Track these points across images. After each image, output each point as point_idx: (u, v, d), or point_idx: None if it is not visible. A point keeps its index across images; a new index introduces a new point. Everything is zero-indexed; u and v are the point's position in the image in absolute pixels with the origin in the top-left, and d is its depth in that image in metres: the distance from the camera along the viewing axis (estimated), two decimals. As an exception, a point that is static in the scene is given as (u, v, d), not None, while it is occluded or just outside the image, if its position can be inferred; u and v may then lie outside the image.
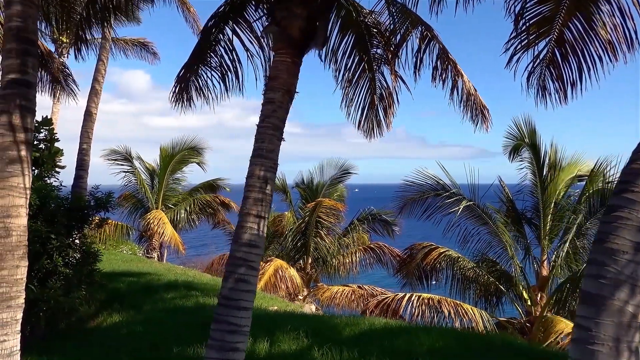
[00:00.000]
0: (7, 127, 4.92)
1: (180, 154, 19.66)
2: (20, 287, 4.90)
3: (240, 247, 4.87)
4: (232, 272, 4.83)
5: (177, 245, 18.15)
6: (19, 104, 4.99)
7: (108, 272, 11.69)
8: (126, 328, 8.10)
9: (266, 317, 8.26)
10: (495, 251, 13.31)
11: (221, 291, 4.90)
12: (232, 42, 7.57)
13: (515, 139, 13.64)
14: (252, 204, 4.97)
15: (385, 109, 8.86)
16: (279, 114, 5.23)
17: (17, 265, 4.86)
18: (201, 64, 7.66)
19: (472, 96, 8.28)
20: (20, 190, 4.94)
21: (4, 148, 4.91)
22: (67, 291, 7.93)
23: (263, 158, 5.08)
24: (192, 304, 9.93)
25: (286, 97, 5.30)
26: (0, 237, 4.80)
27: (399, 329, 7.15)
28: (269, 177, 5.06)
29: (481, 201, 13.25)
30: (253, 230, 4.90)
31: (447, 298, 12.50)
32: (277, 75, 5.34)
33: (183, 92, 7.59)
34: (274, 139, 5.16)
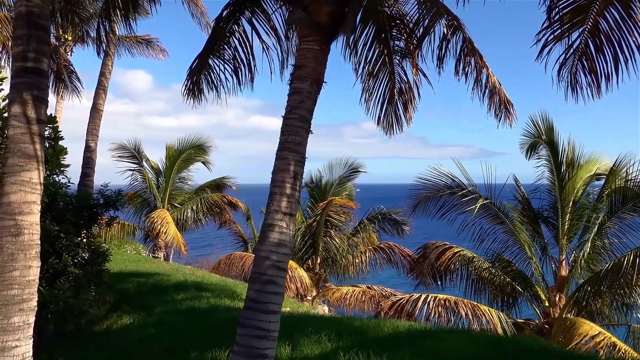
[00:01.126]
0: (19, 118, 4.62)
1: (186, 153, 19.35)
2: (33, 289, 4.59)
3: (268, 247, 4.55)
4: (260, 273, 4.51)
5: (179, 246, 17.83)
6: (31, 94, 4.68)
7: (116, 272, 11.39)
8: (138, 331, 7.79)
9: (283, 320, 7.94)
10: (511, 251, 12.98)
11: (247, 293, 4.58)
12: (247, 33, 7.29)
13: (532, 136, 13.31)
14: (279, 201, 4.65)
15: (405, 104, 8.56)
16: (306, 105, 4.91)
17: (30, 266, 4.56)
18: (214, 57, 7.38)
19: (497, 90, 7.99)
20: (32, 186, 4.63)
21: (16, 140, 4.60)
22: (77, 292, 7.62)
23: (291, 151, 4.76)
24: (203, 305, 9.62)
25: (314, 86, 4.99)
26: (12, 236, 4.49)
27: (425, 333, 6.83)
28: (297, 172, 4.74)
29: (497, 200, 12.92)
30: (281, 228, 4.58)
31: (463, 299, 12.17)
32: (304, 64, 5.02)
33: (195, 85, 7.31)
34: (302, 132, 4.85)
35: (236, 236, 23.30)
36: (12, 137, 4.62)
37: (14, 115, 4.62)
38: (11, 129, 4.63)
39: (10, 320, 4.42)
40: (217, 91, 7.38)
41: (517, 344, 6.07)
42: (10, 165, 4.57)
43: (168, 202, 19.44)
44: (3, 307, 4.42)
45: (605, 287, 11.03)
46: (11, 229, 4.49)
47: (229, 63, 7.41)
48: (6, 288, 4.44)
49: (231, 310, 9.32)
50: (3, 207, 4.52)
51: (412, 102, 8.47)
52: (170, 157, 19.36)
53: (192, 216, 19.40)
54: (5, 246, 4.47)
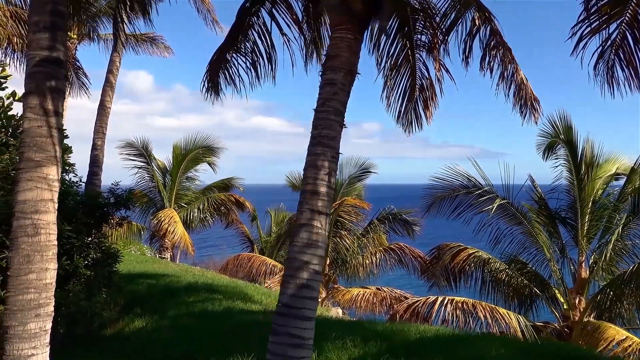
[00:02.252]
0: (35, 110, 4.32)
1: (193, 153, 19.04)
2: (50, 293, 4.30)
3: (302, 249, 4.24)
4: (293, 277, 4.21)
5: (186, 246, 17.53)
6: (49, 85, 4.38)
7: (124, 273, 11.08)
8: (152, 335, 7.49)
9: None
10: (529, 252, 12.67)
11: (280, 299, 4.27)
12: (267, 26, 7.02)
13: (549, 136, 13.00)
14: (313, 199, 4.35)
15: (425, 101, 8.28)
16: (340, 97, 4.62)
17: (46, 268, 4.25)
18: (233, 51, 7.12)
19: (524, 86, 7.71)
20: (49, 183, 4.33)
21: (32, 134, 4.30)
22: (89, 294, 7.32)
23: (324, 147, 4.46)
24: (217, 307, 9.32)
25: (348, 77, 4.70)
26: (28, 236, 4.19)
27: (455, 338, 6.53)
28: (331, 169, 4.44)
29: (514, 200, 12.62)
30: (315, 228, 4.28)
31: (481, 302, 11.85)
32: (338, 54, 4.72)
33: (214, 80, 7.04)
34: (336, 125, 4.55)
35: (242, 237, 23.02)
36: (27, 130, 4.31)
37: (30, 107, 4.32)
38: (27, 122, 4.33)
39: (26, 326, 4.12)
40: (235, 86, 7.11)
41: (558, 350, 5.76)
42: (26, 160, 4.27)
43: (175, 202, 19.14)
44: (18, 312, 4.12)
45: (629, 290, 10.71)
46: (27, 228, 4.19)
47: (247, 57, 7.14)
48: (22, 292, 4.14)
49: (246, 313, 9.03)
50: (18, 206, 4.23)
51: (434, 99, 8.21)
52: (177, 157, 19.06)
53: (198, 216, 19.10)
54: (21, 247, 4.18)
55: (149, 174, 19.15)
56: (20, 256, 4.17)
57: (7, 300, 4.17)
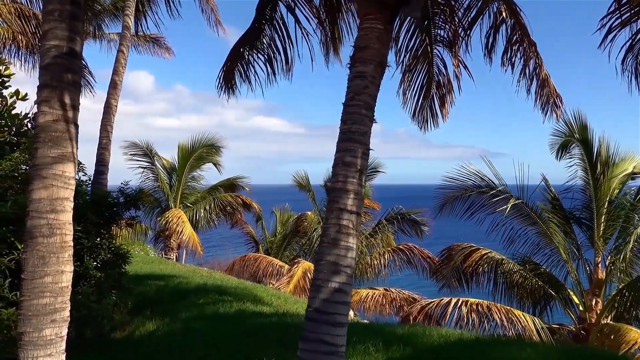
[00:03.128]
0: (51, 104, 4.08)
1: (199, 152, 18.81)
2: (66, 297, 4.05)
3: (334, 251, 4.00)
4: (325, 280, 3.97)
5: (195, 246, 17.30)
6: (65, 77, 4.14)
7: (132, 274, 10.83)
8: (165, 338, 7.25)
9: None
10: (544, 252, 12.44)
11: (310, 303, 4.03)
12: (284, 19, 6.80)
13: (563, 135, 12.78)
14: (344, 198, 4.11)
15: (442, 98, 8.06)
16: (370, 90, 4.38)
17: (62, 271, 4.01)
18: (250, 47, 6.92)
19: (548, 82, 7.50)
20: (65, 180, 4.09)
21: (47, 129, 4.06)
22: (100, 297, 7.09)
23: (355, 142, 4.23)
24: (228, 310, 9.09)
25: (378, 70, 4.46)
26: (43, 237, 3.95)
27: (481, 342, 6.29)
28: (363, 166, 4.20)
29: (529, 199, 12.39)
30: (347, 229, 4.05)
31: (496, 304, 11.62)
32: (368, 45, 4.49)
33: (229, 77, 6.85)
34: (366, 120, 4.31)
35: (247, 237, 22.82)
36: (42, 125, 4.07)
37: (45, 101, 4.08)
38: (42, 116, 4.09)
39: (41, 333, 3.89)
40: (250, 83, 6.91)
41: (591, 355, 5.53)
42: (41, 157, 4.03)
43: (180, 202, 18.91)
44: (33, 317, 3.89)
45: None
46: (42, 228, 3.95)
47: (263, 52, 6.93)
48: (37, 296, 3.90)
49: (258, 316, 8.81)
50: (33, 204, 3.99)
51: (450, 96, 7.99)
52: (183, 156, 18.84)
53: (204, 216, 18.87)
54: (36, 248, 3.94)
55: (153, 174, 18.93)
56: (35, 258, 3.93)
57: (21, 305, 3.94)
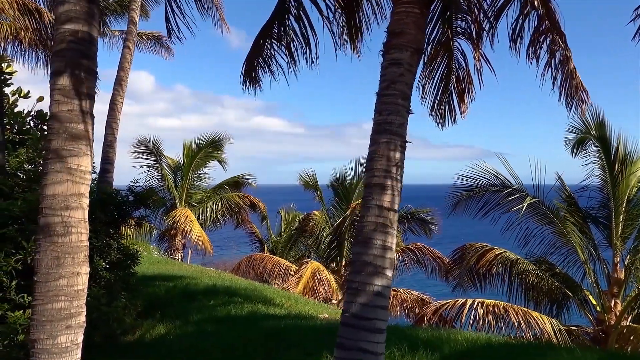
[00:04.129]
0: (65, 92, 3.78)
1: (204, 150, 18.51)
2: (82, 301, 3.76)
3: (372, 251, 3.71)
4: (363, 282, 3.67)
5: (204, 245, 17.01)
6: (80, 63, 3.84)
7: (139, 275, 10.55)
8: (179, 342, 6.95)
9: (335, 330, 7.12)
10: (560, 252, 12.15)
11: (347, 307, 3.73)
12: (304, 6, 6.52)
13: (579, 132, 12.47)
14: (381, 194, 3.81)
15: (460, 93, 7.76)
16: (407, 79, 4.09)
17: (78, 272, 3.72)
18: (270, 37, 6.68)
19: (575, 75, 7.21)
20: (81, 175, 3.79)
21: (62, 119, 3.76)
22: (110, 299, 6.79)
23: (392, 134, 3.93)
24: (240, 312, 8.80)
25: (415, 57, 4.16)
26: (58, 236, 3.65)
27: (511, 347, 5.99)
28: (400, 160, 3.90)
29: (545, 198, 12.09)
30: (386, 227, 3.75)
31: (513, 305, 11.33)
32: (403, 30, 4.19)
33: (251, 70, 6.61)
34: (403, 111, 4.02)
35: (251, 236, 22.54)
36: (56, 115, 3.78)
37: (59, 89, 3.78)
38: (55, 106, 3.79)
39: (56, 340, 3.60)
40: (272, 74, 6.66)
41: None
42: (55, 149, 3.73)
43: (185, 201, 18.62)
44: (47, 323, 3.59)
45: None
46: (57, 227, 3.66)
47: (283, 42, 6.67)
48: (51, 300, 3.61)
49: (272, 318, 8.51)
50: (46, 201, 3.70)
51: (471, 91, 7.70)
52: (188, 155, 18.54)
53: (210, 215, 18.57)
54: (50, 248, 3.64)
55: (158, 173, 18.64)
56: (48, 259, 3.64)
57: (34, 310, 3.64)
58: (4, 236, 6.40)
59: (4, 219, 6.47)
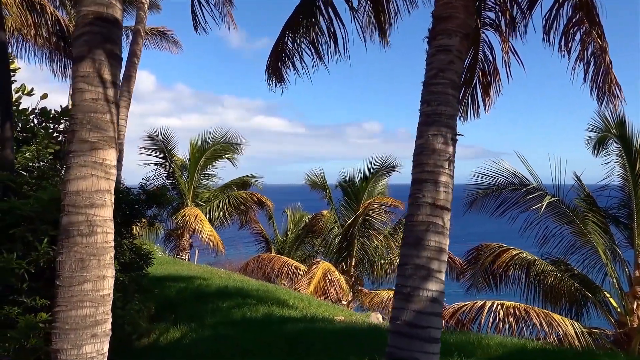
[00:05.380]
0: (89, 80, 3.47)
1: (213, 148, 18.20)
2: (107, 307, 3.45)
3: (424, 253, 3.40)
4: (415, 287, 3.37)
5: (216, 245, 16.69)
6: (104, 49, 3.54)
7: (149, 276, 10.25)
8: (195, 346, 6.65)
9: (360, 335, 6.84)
10: (580, 253, 11.85)
11: (397, 315, 3.43)
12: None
13: (599, 130, 12.19)
14: (433, 191, 3.51)
15: (485, 86, 7.49)
16: (456, 67, 3.78)
17: (103, 276, 3.41)
18: (295, 32, 6.42)
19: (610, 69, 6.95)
20: (106, 170, 3.48)
21: (86, 109, 3.45)
22: (124, 302, 6.48)
23: (442, 126, 3.62)
24: (255, 314, 8.51)
25: (464, 43, 3.86)
26: (82, 236, 3.34)
27: (547, 352, 5.69)
28: (452, 154, 3.60)
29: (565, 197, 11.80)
30: (438, 227, 3.44)
31: (534, 307, 11.03)
32: (452, 15, 3.88)
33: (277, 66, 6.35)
34: (453, 101, 3.71)
35: (257, 236, 22.23)
36: (80, 105, 3.47)
37: (82, 77, 3.48)
38: (78, 94, 3.49)
39: (80, 349, 3.29)
40: (296, 69, 6.42)
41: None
42: (78, 142, 3.43)
43: (192, 200, 18.30)
44: (72, 332, 3.28)
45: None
46: (81, 226, 3.35)
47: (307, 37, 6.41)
48: (75, 306, 3.31)
49: (289, 321, 8.22)
50: (69, 198, 3.39)
51: (497, 84, 7.43)
52: (195, 153, 18.22)
53: (218, 214, 18.23)
54: (73, 250, 3.34)
55: (165, 171, 18.31)
56: (72, 261, 3.33)
57: (57, 317, 3.34)
58: (13, 236, 6.09)
59: (15, 218, 6.17)
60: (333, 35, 6.36)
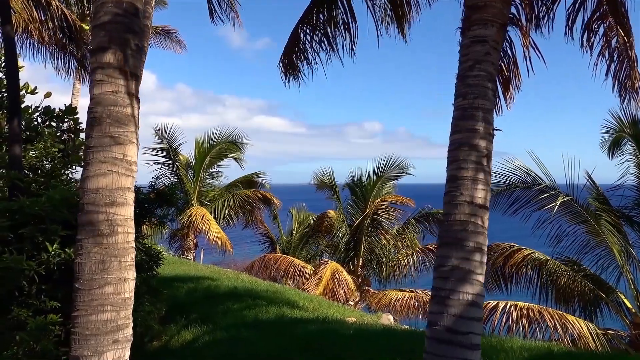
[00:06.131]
0: (109, 72, 3.29)
1: (218, 147, 18.02)
2: (129, 311, 3.27)
3: (459, 253, 3.22)
4: (454, 290, 3.18)
5: (224, 245, 16.51)
6: (125, 38, 3.36)
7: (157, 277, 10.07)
8: (208, 349, 6.47)
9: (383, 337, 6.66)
10: (594, 253, 11.67)
11: (436, 319, 3.25)
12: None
13: (613, 131, 12.07)
14: (471, 188, 3.33)
15: (505, 82, 7.29)
16: (493, 58, 3.60)
17: (125, 278, 3.23)
18: (307, 25, 6.27)
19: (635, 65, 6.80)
20: (127, 166, 3.30)
21: (106, 102, 3.27)
22: (136, 303, 6.30)
23: (480, 121, 3.44)
24: (267, 316, 8.35)
25: (501, 34, 3.67)
26: (102, 236, 3.17)
27: (574, 357, 5.50)
28: (489, 150, 3.42)
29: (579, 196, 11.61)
30: (477, 226, 3.26)
31: (547, 308, 10.85)
32: (487, 4, 3.69)
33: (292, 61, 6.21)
34: (490, 94, 3.53)
35: (262, 236, 22.06)
36: (99, 97, 3.29)
37: (101, 67, 3.29)
38: (98, 87, 3.30)
39: (102, 357, 3.12)
40: (309, 64, 6.27)
41: None
42: (98, 136, 3.25)
43: (197, 200, 18.12)
44: (92, 338, 3.11)
45: None
46: (101, 225, 3.17)
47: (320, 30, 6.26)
48: (95, 311, 3.13)
49: (302, 323, 8.05)
50: (88, 196, 3.21)
51: (517, 79, 7.24)
52: (200, 152, 18.04)
53: (223, 214, 18.04)
54: (93, 250, 3.16)
55: (170, 170, 18.13)
56: (92, 263, 3.16)
57: (76, 322, 3.16)
58: (22, 236, 5.91)
59: (24, 217, 5.98)
60: (348, 29, 6.20)
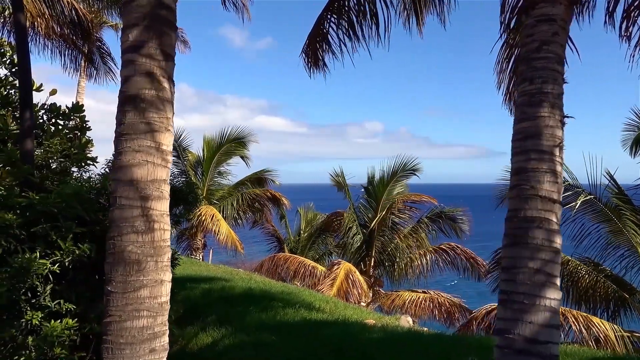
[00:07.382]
0: (143, 51, 2.97)
1: (226, 146, 17.70)
2: (165, 317, 2.95)
3: (537, 254, 2.88)
4: (531, 295, 2.85)
5: (234, 245, 16.19)
6: (166, 16, 3.04)
7: (169, 277, 9.73)
8: (232, 353, 6.14)
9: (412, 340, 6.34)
10: (617, 253, 11.34)
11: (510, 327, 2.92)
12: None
13: (636, 128, 11.73)
14: (542, 181, 2.99)
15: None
16: (561, 39, 3.27)
17: (162, 280, 2.91)
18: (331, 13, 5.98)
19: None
20: (162, 156, 2.99)
21: (138, 84, 2.97)
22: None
23: (548, 106, 3.11)
24: (285, 318, 8.03)
25: (569, 12, 3.34)
26: (137, 233, 2.85)
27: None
28: (561, 138, 3.09)
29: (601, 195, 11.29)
30: (551, 223, 2.92)
31: (571, 310, 10.53)
32: (553, -22, 3.36)
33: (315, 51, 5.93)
34: (560, 78, 3.20)
35: (268, 236, 21.75)
36: (131, 80, 2.98)
37: (134, 47, 2.98)
38: (130, 67, 2.99)
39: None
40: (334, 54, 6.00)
41: None
42: (132, 123, 2.93)
43: (205, 199, 17.79)
44: (127, 346, 2.79)
45: None
46: (135, 221, 2.85)
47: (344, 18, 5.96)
48: (130, 316, 2.81)
49: (324, 327, 7.74)
50: (122, 188, 2.89)
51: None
52: (209, 150, 17.72)
53: (231, 213, 17.72)
54: (127, 249, 2.84)
55: (178, 169, 17.81)
56: (126, 263, 2.83)
57: (108, 329, 2.84)
58: (35, 235, 5.59)
59: (35, 214, 5.66)
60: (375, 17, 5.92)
